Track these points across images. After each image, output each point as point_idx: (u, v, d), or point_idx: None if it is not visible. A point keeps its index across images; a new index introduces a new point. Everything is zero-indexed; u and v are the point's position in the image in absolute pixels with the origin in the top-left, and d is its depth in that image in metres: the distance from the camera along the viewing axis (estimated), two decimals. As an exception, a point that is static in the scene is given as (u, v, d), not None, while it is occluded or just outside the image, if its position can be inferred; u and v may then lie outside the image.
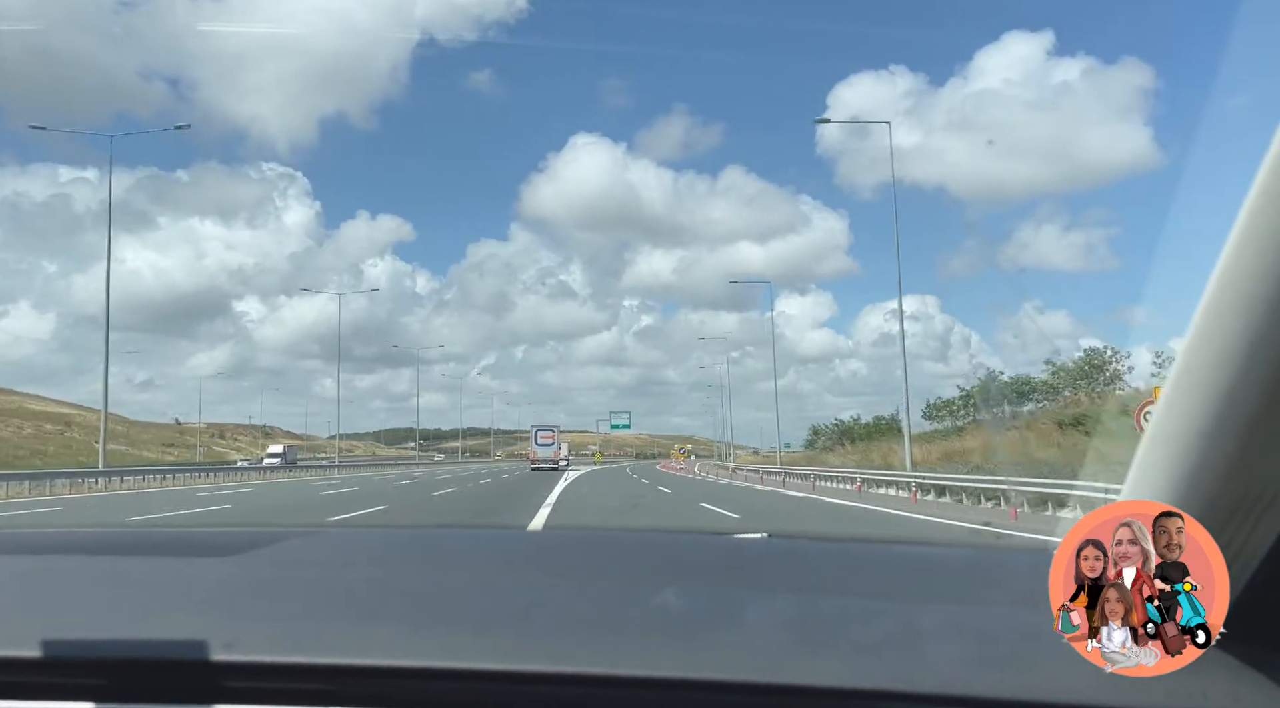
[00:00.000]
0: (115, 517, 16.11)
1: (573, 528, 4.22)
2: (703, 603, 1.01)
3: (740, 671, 0.82)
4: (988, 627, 0.95)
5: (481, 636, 0.90)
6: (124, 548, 1.47)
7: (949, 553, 1.52)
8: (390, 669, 0.83)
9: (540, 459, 58.16)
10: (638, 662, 0.84)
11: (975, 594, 1.13)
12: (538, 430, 62.44)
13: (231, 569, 1.20)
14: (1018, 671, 0.82)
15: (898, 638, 0.92)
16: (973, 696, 0.78)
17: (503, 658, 0.84)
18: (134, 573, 1.21)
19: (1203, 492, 0.75)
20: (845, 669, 0.82)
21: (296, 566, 1.27)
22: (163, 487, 31.43)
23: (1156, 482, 0.78)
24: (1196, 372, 0.71)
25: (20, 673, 0.85)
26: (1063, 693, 0.78)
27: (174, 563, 1.30)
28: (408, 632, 0.91)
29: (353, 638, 0.89)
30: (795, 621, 0.97)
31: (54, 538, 1.59)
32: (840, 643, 0.91)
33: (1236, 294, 0.66)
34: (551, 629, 0.93)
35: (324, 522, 13.44)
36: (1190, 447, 0.73)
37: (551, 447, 59.70)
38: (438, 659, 0.85)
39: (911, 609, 1.02)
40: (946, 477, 24.26)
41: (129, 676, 0.85)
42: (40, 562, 1.30)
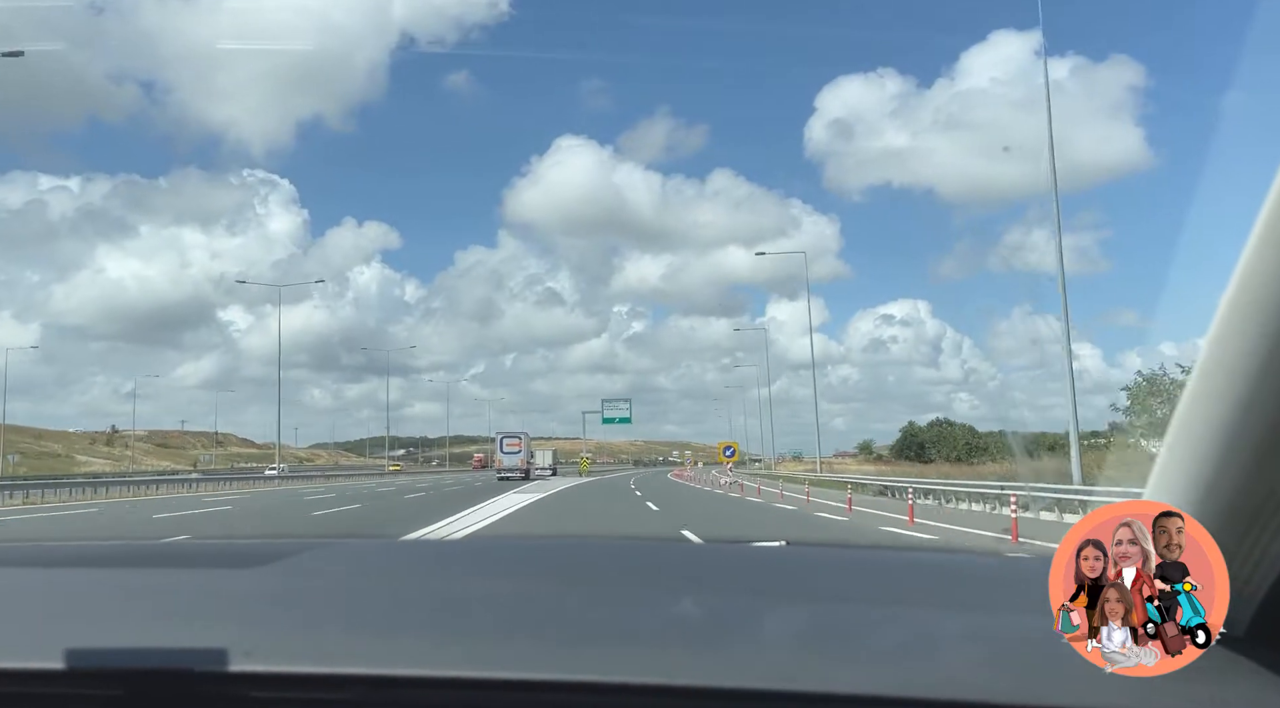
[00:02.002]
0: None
1: (590, 537, 4.25)
2: (720, 611, 1.01)
3: (758, 678, 0.82)
4: (1007, 634, 0.94)
5: (501, 645, 0.91)
6: (145, 560, 1.49)
7: (968, 560, 1.52)
8: (411, 679, 0.84)
9: (506, 468, 55.55)
10: (656, 670, 0.84)
11: (995, 601, 1.13)
12: (503, 437, 59.72)
13: (251, 580, 1.21)
14: (1037, 678, 0.82)
15: (916, 645, 0.92)
16: (992, 702, 0.77)
17: (522, 667, 0.85)
18: (154, 584, 1.21)
19: (1225, 495, 0.75)
20: (863, 677, 0.82)
21: (316, 576, 1.28)
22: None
23: (1178, 485, 0.78)
24: (1216, 375, 0.71)
25: (42, 684, 0.85)
26: (1083, 701, 0.77)
27: (193, 574, 1.31)
28: (428, 642, 0.92)
29: (373, 648, 0.89)
30: (813, 628, 0.97)
31: (76, 551, 1.60)
32: (858, 651, 0.90)
33: (1256, 297, 0.66)
34: (570, 638, 0.93)
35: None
36: (1212, 450, 0.74)
37: (518, 454, 57.07)
38: (458, 669, 0.85)
39: (930, 616, 1.02)
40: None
41: (148, 686, 0.85)
42: (61, 575, 1.31)
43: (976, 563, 1.49)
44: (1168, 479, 0.79)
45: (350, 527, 17.95)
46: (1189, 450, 0.76)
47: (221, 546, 1.68)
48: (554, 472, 66.05)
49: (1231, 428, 0.71)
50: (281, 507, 25.73)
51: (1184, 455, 0.77)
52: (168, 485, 42.77)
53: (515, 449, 57.75)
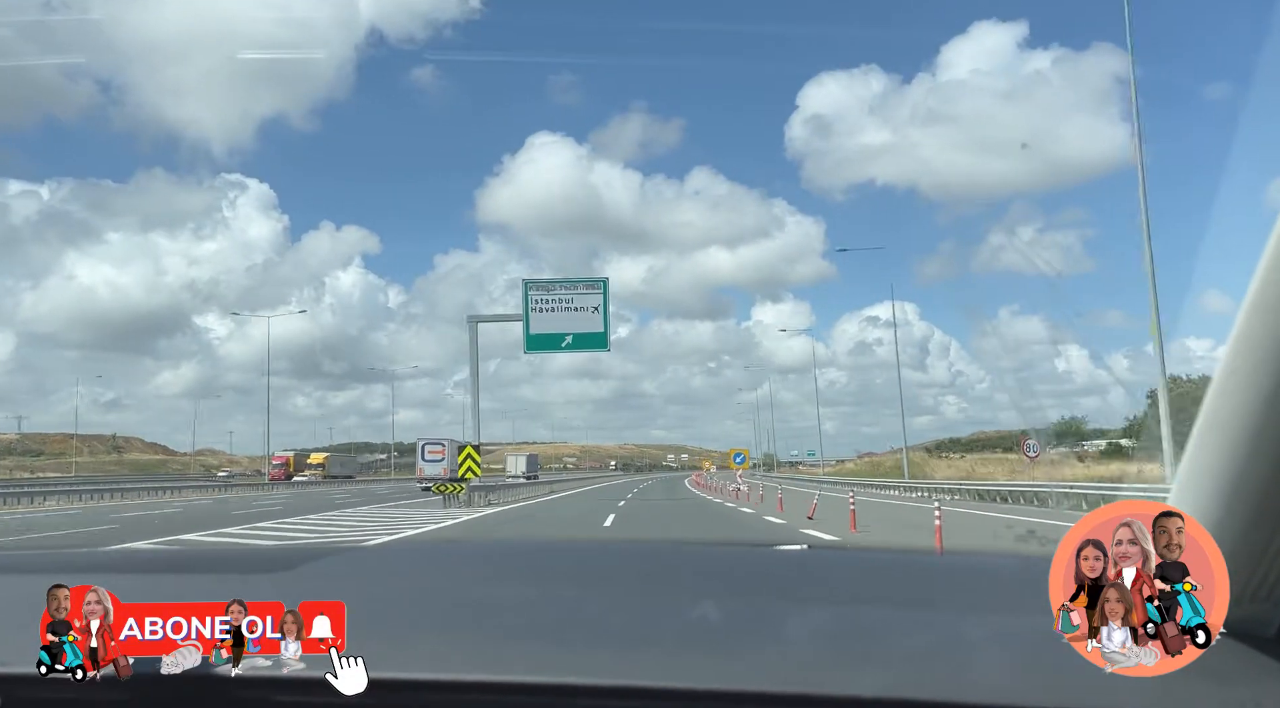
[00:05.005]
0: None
1: (608, 541, 4.25)
2: (741, 614, 1.01)
3: (779, 682, 0.82)
4: (1032, 636, 0.93)
5: (517, 648, 0.90)
6: (147, 566, 1.50)
7: (992, 561, 1.51)
8: (426, 683, 0.84)
9: (428, 477, 49.86)
10: (675, 674, 0.84)
11: (1019, 603, 1.12)
12: (424, 444, 55.04)
13: (267, 586, 1.21)
14: (1063, 680, 0.81)
15: (939, 648, 0.91)
16: (1017, 706, 0.77)
17: (539, 671, 0.84)
18: (160, 589, 1.21)
19: (1251, 495, 0.75)
20: (886, 681, 0.82)
21: (332, 581, 1.28)
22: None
23: (1202, 489, 0.78)
24: (1239, 376, 0.71)
25: (49, 690, 0.85)
26: (1108, 703, 0.77)
27: (198, 579, 1.31)
28: (444, 645, 0.92)
29: (388, 651, 0.89)
30: (835, 632, 0.97)
31: (68, 558, 1.60)
32: (881, 654, 0.90)
33: (1276, 302, 0.66)
34: (588, 641, 0.93)
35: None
36: (1235, 453, 0.74)
37: (441, 462, 52.03)
38: (474, 672, 0.85)
39: (953, 619, 1.01)
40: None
41: (157, 691, 0.85)
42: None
43: (1002, 564, 1.48)
44: (1194, 480, 0.79)
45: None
46: (1214, 451, 0.76)
47: (239, 551, 1.72)
48: (532, 478, 60.06)
49: (1257, 428, 0.71)
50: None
51: (1210, 456, 0.77)
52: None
53: (438, 457, 53.26)
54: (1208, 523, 0.76)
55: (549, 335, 33.81)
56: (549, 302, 33.86)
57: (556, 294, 33.95)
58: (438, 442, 55.48)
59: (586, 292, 34.26)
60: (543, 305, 33.85)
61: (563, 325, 33.87)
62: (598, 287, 34.49)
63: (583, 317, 33.91)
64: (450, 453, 54.38)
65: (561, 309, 33.79)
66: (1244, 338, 0.70)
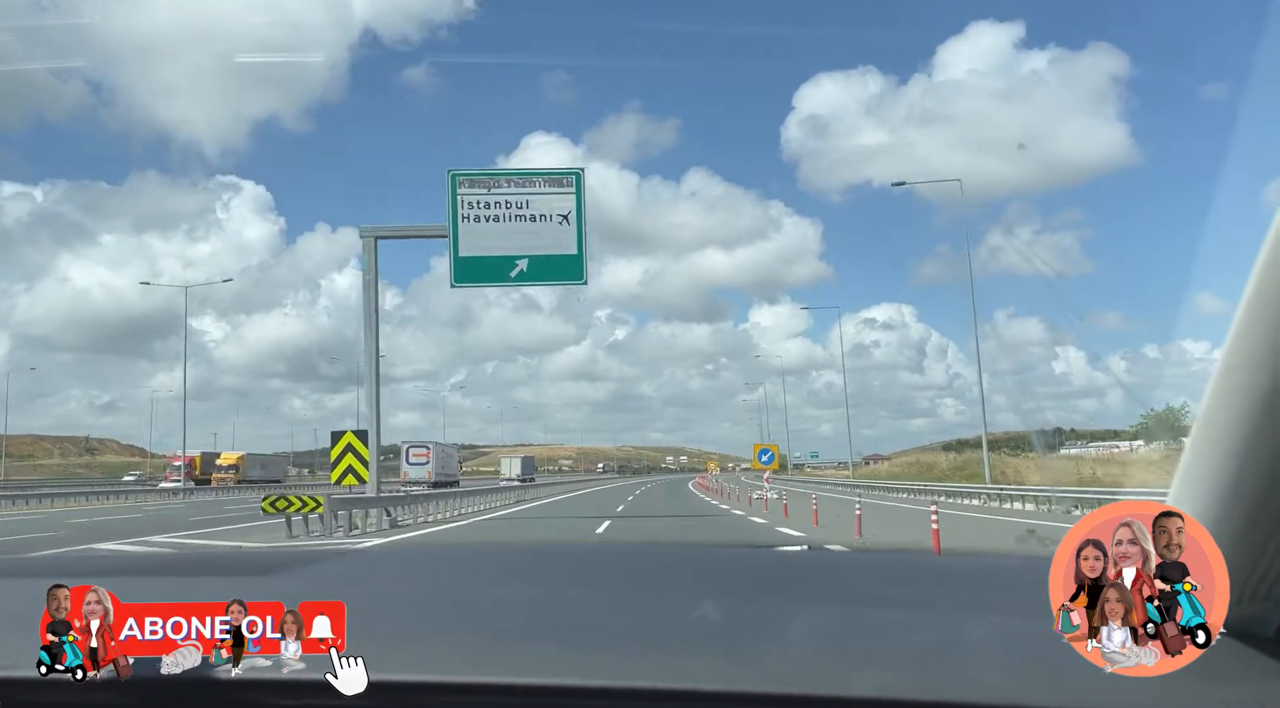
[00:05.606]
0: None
1: (611, 543, 4.25)
2: (743, 615, 1.01)
3: (780, 683, 0.82)
4: (1032, 636, 0.93)
5: (518, 650, 0.91)
6: (149, 569, 1.50)
7: (993, 562, 1.52)
8: (427, 684, 0.84)
9: (412, 480, 49.49)
10: (676, 675, 0.84)
11: (1020, 604, 1.13)
12: (409, 446, 54.53)
13: (267, 589, 1.20)
14: (1063, 680, 0.81)
15: (941, 649, 0.91)
16: (1017, 706, 0.77)
17: (540, 672, 0.84)
18: (163, 592, 1.21)
19: (1250, 495, 0.75)
20: (886, 680, 0.82)
21: (332, 582, 1.28)
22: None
23: (1200, 490, 0.78)
24: (1237, 377, 0.71)
25: (53, 693, 0.85)
26: (1109, 703, 0.77)
27: (199, 581, 1.32)
28: (445, 646, 0.92)
29: (388, 652, 0.89)
30: (836, 632, 0.97)
31: (95, 560, 1.60)
32: (881, 654, 0.90)
33: (1274, 299, 0.66)
34: (588, 643, 0.94)
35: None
36: (1233, 453, 0.74)
37: (425, 465, 52.41)
38: (474, 674, 0.85)
39: (955, 620, 1.01)
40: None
41: (159, 694, 0.85)
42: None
43: (1003, 565, 1.49)
44: (1193, 481, 0.79)
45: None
46: (1210, 456, 0.76)
47: (229, 553, 1.71)
48: (528, 481, 58.01)
49: (1255, 428, 0.71)
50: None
51: (1208, 457, 0.77)
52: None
53: (422, 459, 53.23)
54: (1206, 523, 0.76)
55: (491, 260, 19.69)
56: (491, 206, 19.76)
57: (503, 194, 19.84)
58: (422, 444, 55.09)
59: (550, 191, 19.95)
60: (481, 212, 19.77)
61: (513, 244, 19.67)
62: (568, 183, 20.04)
63: (545, 230, 19.75)
64: (436, 456, 54.19)
65: (511, 218, 19.80)
66: (1242, 339, 0.70)
